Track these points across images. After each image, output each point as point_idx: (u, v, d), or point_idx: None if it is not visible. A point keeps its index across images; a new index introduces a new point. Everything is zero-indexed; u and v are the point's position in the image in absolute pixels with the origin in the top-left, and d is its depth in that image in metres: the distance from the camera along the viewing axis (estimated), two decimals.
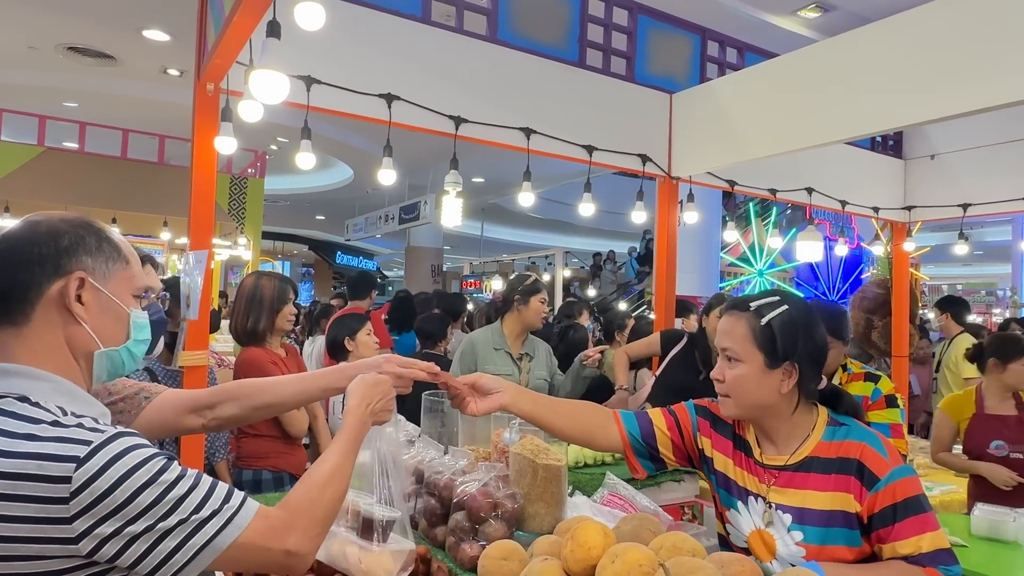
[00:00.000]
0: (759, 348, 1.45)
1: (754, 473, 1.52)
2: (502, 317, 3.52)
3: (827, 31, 6.30)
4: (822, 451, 1.45)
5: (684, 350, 3.67)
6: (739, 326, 1.48)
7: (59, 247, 1.03)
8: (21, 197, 7.95)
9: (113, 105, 9.05)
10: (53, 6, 6.55)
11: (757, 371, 1.45)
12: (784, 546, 1.44)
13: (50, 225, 1.04)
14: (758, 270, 12.73)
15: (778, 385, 1.45)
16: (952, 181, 4.81)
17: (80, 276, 1.03)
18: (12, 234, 1.03)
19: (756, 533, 1.49)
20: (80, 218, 1.09)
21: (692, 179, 4.12)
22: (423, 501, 1.84)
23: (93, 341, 1.06)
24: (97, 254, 1.06)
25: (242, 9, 2.06)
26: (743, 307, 1.50)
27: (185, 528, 0.95)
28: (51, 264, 1.02)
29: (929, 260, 14.97)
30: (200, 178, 2.75)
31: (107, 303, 1.07)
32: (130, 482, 0.92)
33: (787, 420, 1.49)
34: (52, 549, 0.90)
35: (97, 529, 0.91)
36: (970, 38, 2.70)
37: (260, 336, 2.91)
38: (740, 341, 1.47)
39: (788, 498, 1.45)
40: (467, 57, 3.39)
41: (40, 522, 0.89)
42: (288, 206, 15.99)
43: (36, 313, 1.01)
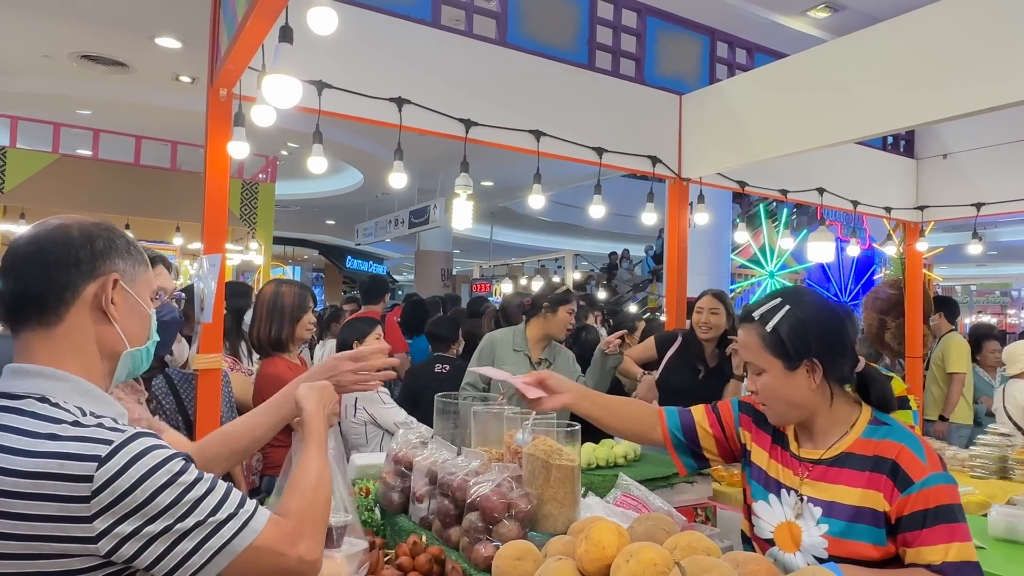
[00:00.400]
0: (773, 354, 1.46)
1: (788, 466, 1.53)
2: (527, 320, 3.53)
3: (837, 31, 6.27)
4: (859, 448, 1.45)
5: (680, 351, 3.64)
6: (751, 337, 1.49)
7: (95, 250, 1.05)
8: (36, 204, 8.04)
9: (126, 112, 9.14)
10: (67, 15, 6.63)
11: (780, 376, 1.46)
12: (809, 537, 1.45)
13: (82, 228, 1.06)
14: (769, 272, 12.67)
15: (806, 383, 1.45)
16: (965, 180, 4.78)
17: (116, 277, 1.06)
18: (43, 236, 1.04)
19: (784, 525, 1.50)
20: (105, 222, 1.11)
21: (702, 180, 4.12)
22: (436, 502, 1.85)
23: (122, 341, 1.08)
24: (127, 256, 1.09)
25: (255, 15, 2.08)
26: (748, 318, 1.52)
27: (203, 530, 0.96)
28: (87, 266, 1.04)
29: (942, 260, 14.84)
30: (213, 183, 2.77)
31: (133, 304, 1.10)
32: (150, 482, 0.93)
33: (825, 413, 1.49)
34: (72, 548, 0.91)
35: (117, 528, 0.91)
36: (981, 36, 2.69)
37: (282, 345, 2.90)
38: (755, 352, 1.48)
39: (819, 491, 1.46)
40: (477, 60, 3.41)
41: (61, 521, 0.90)
42: (298, 211, 16.07)
43: (70, 314, 1.03)
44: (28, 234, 1.05)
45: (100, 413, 1.01)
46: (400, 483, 2.05)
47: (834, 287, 13.46)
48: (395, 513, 2.05)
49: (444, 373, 4.16)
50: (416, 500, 1.94)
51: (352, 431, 3.22)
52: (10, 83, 8.42)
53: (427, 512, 1.90)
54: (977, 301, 18.87)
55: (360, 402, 3.19)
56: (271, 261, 9.93)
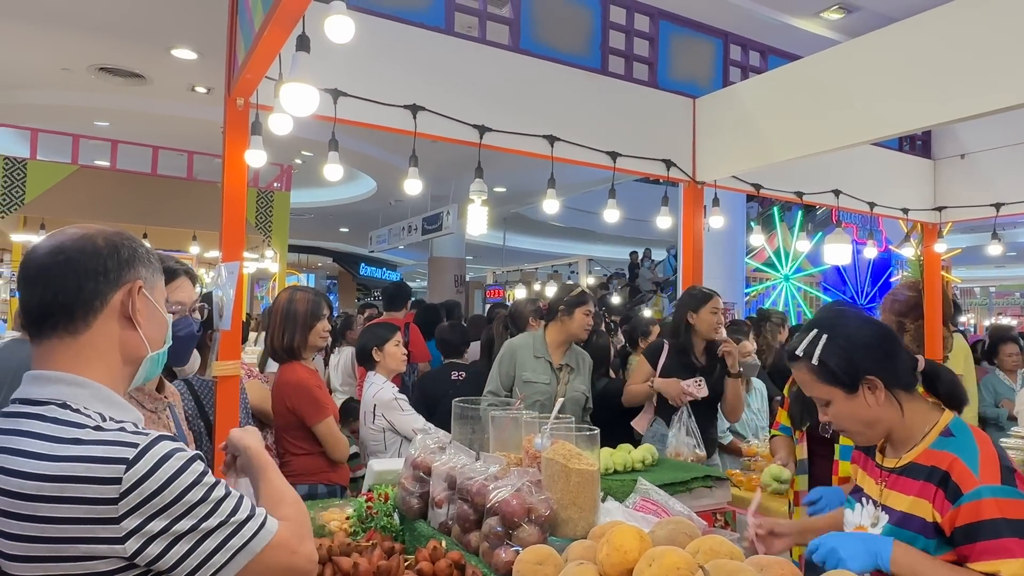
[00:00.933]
0: (830, 384, 1.47)
1: (872, 475, 1.58)
2: (546, 325, 3.52)
3: (851, 32, 6.23)
4: (924, 459, 1.46)
5: (670, 356, 3.60)
6: (803, 374, 1.52)
7: (121, 259, 1.09)
8: (56, 215, 8.15)
9: (143, 123, 9.25)
10: (85, 28, 6.73)
11: (844, 402, 1.48)
12: None
13: (107, 238, 1.10)
14: (784, 275, 12.58)
15: (871, 401, 1.46)
16: (983, 180, 4.73)
17: (139, 286, 1.10)
18: (69, 246, 1.06)
19: (860, 529, 1.54)
20: (124, 232, 1.15)
21: (717, 183, 4.10)
22: (456, 507, 1.85)
23: (145, 346, 1.12)
24: (148, 265, 1.14)
25: (272, 24, 2.10)
26: (793, 357, 1.54)
27: (225, 529, 0.99)
28: (115, 275, 1.08)
29: (961, 262, 14.68)
30: (231, 191, 2.80)
31: (153, 311, 1.14)
32: (178, 482, 0.96)
33: (899, 424, 1.50)
34: (98, 549, 0.93)
35: (146, 527, 0.94)
36: (998, 35, 2.66)
37: (295, 353, 2.89)
38: (813, 386, 1.51)
39: (892, 500, 1.49)
40: (490, 67, 3.42)
41: (88, 523, 0.92)
42: (312, 219, 16.18)
43: (98, 321, 1.06)
44: (51, 244, 1.06)
45: (120, 418, 1.04)
46: (419, 488, 2.06)
47: (850, 290, 13.34)
48: (414, 519, 2.05)
49: (461, 380, 4.17)
50: (435, 505, 1.95)
51: (371, 438, 3.23)
52: (30, 96, 8.56)
53: (446, 517, 1.90)
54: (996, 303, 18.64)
55: (379, 408, 3.20)
56: (286, 269, 9.99)
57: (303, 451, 2.89)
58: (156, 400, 1.86)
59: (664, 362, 3.56)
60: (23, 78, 8.20)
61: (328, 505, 2.37)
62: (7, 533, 0.93)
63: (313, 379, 2.92)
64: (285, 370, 2.92)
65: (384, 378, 3.31)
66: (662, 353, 3.59)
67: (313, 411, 2.83)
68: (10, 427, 0.99)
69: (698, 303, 3.55)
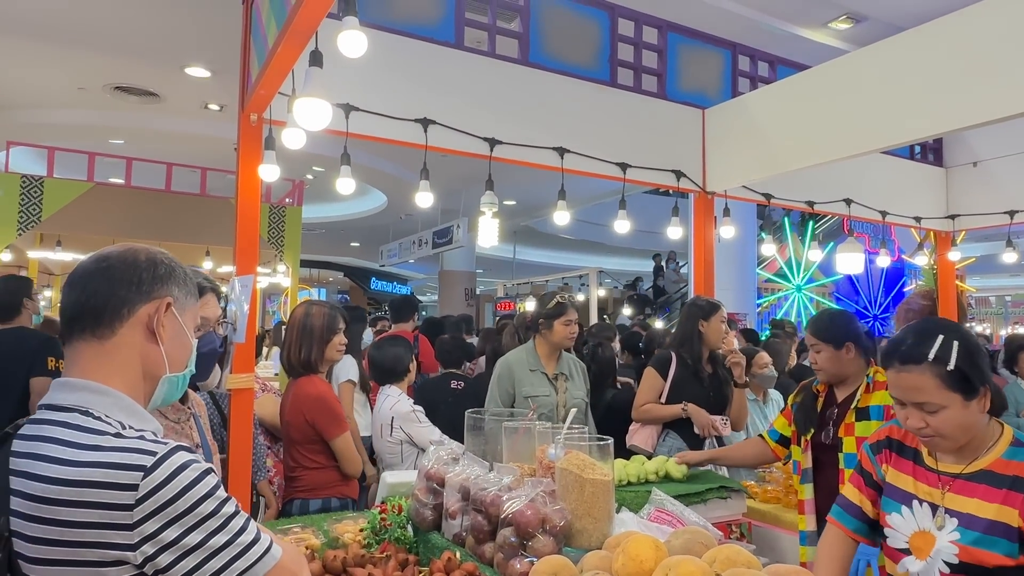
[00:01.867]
0: (955, 391, 1.46)
1: (924, 479, 1.57)
2: (534, 336, 3.51)
3: (859, 42, 6.23)
4: (999, 467, 1.48)
5: (679, 367, 3.58)
6: (926, 379, 1.48)
7: (157, 274, 1.12)
8: (72, 231, 8.25)
9: (157, 140, 9.39)
10: (101, 48, 6.86)
11: (960, 409, 1.47)
12: (940, 543, 1.49)
13: (149, 254, 1.14)
14: (796, 285, 12.52)
15: (980, 409, 1.48)
16: (996, 188, 4.70)
17: (169, 301, 1.13)
18: (113, 255, 1.12)
19: (920, 534, 1.53)
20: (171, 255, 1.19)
21: (727, 193, 4.10)
22: (470, 518, 1.84)
23: (164, 364, 1.13)
24: (183, 286, 1.16)
25: (286, 41, 2.14)
26: (919, 359, 1.49)
27: (232, 550, 1.00)
28: (147, 287, 1.11)
29: (975, 271, 14.54)
30: (245, 204, 2.83)
31: (179, 331, 1.16)
32: (192, 492, 0.97)
33: (982, 431, 1.52)
34: (109, 555, 0.94)
35: (160, 535, 0.95)
36: (1006, 42, 2.66)
37: (312, 366, 2.88)
38: (933, 392, 1.47)
39: (958, 504, 1.49)
40: (500, 80, 3.45)
41: (103, 527, 0.94)
42: (323, 234, 16.28)
43: (123, 329, 1.09)
44: (99, 254, 1.13)
45: (140, 427, 1.06)
46: (432, 500, 2.05)
47: (863, 300, 13.24)
48: (428, 530, 2.05)
49: (460, 389, 4.18)
50: (449, 517, 1.94)
51: (387, 450, 3.22)
52: (47, 115, 8.71)
53: (460, 528, 1.89)
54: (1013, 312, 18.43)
55: (397, 421, 3.19)
56: (298, 284, 10.05)
57: (317, 465, 2.88)
58: (179, 411, 1.88)
59: (674, 373, 3.54)
60: (40, 98, 8.36)
61: (342, 517, 2.37)
62: (27, 535, 0.96)
63: (331, 393, 2.92)
64: (303, 383, 2.91)
65: (400, 391, 3.32)
66: (671, 364, 3.57)
67: (332, 425, 2.83)
68: (35, 433, 1.02)
69: (708, 312, 3.53)
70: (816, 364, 2.49)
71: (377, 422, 3.25)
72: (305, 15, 1.99)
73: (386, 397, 3.29)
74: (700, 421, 3.43)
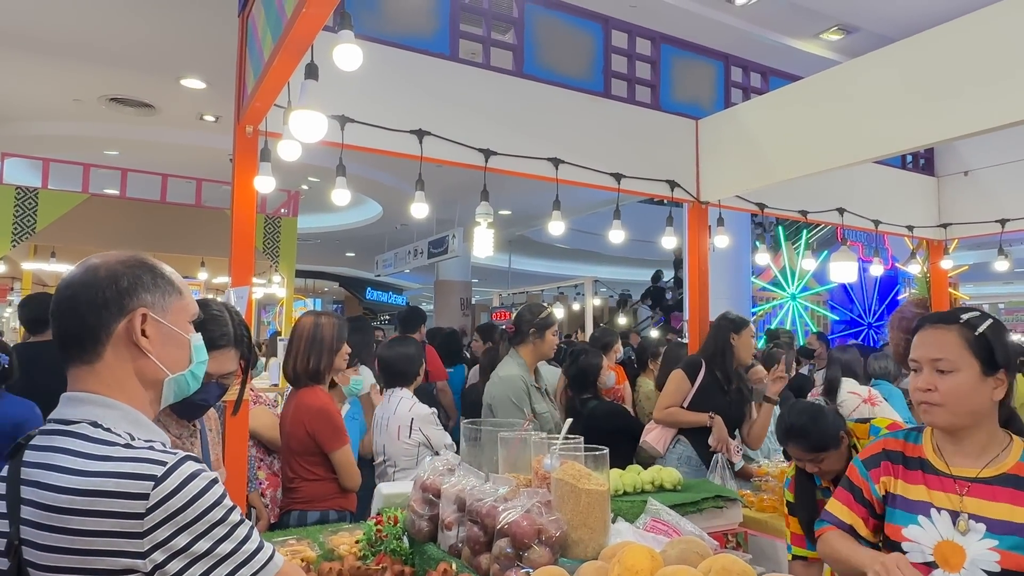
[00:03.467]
0: (976, 356, 1.49)
1: (938, 486, 1.54)
2: (515, 348, 3.48)
3: (850, 53, 6.29)
4: (1022, 471, 1.48)
5: (707, 375, 3.61)
6: (950, 337, 1.52)
7: (120, 289, 1.10)
8: (67, 242, 8.24)
9: (152, 152, 9.39)
10: (96, 60, 6.87)
11: (975, 378, 1.49)
12: (975, 552, 1.45)
13: (108, 268, 1.11)
14: (791, 294, 12.55)
15: (991, 394, 1.50)
16: (988, 197, 4.74)
17: (142, 312, 1.11)
18: (76, 280, 1.11)
19: (945, 544, 1.49)
20: (134, 257, 1.16)
21: (721, 203, 4.13)
22: (465, 529, 1.84)
23: (160, 370, 1.14)
24: (154, 289, 1.14)
25: (282, 53, 2.15)
26: (951, 320, 1.56)
27: (237, 558, 1.01)
28: (116, 306, 1.09)
29: (968, 279, 14.60)
30: (240, 216, 2.84)
31: (169, 333, 1.15)
32: (201, 501, 0.99)
33: (989, 431, 1.53)
34: (119, 563, 0.96)
35: (169, 543, 0.96)
36: (998, 53, 2.69)
37: (320, 376, 2.90)
38: (955, 350, 1.51)
39: (983, 509, 1.48)
40: (495, 91, 3.47)
41: (113, 536, 0.95)
42: (319, 244, 16.27)
43: (107, 351, 1.09)
44: (65, 279, 1.13)
45: (148, 439, 1.08)
46: (428, 511, 2.05)
47: (858, 308, 13.28)
48: (423, 541, 2.04)
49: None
50: (445, 528, 1.94)
51: (404, 453, 3.15)
52: (42, 127, 8.71)
53: (456, 539, 1.89)
54: (1007, 320, 18.51)
55: (417, 423, 3.13)
56: (293, 294, 10.03)
57: (316, 477, 2.88)
58: (183, 426, 1.87)
59: (702, 380, 3.58)
60: (35, 109, 8.36)
61: (338, 529, 2.36)
62: (39, 544, 0.97)
63: (333, 405, 2.92)
64: (306, 394, 2.90)
65: (411, 393, 3.30)
66: (700, 370, 3.61)
67: (333, 437, 2.83)
68: (46, 444, 1.04)
69: (739, 326, 3.61)
70: (823, 472, 2.20)
71: (393, 424, 3.18)
72: (301, 28, 2.01)
73: (400, 399, 3.24)
74: (720, 435, 3.47)
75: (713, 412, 3.53)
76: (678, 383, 3.64)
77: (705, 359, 3.65)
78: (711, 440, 3.50)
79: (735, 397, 3.62)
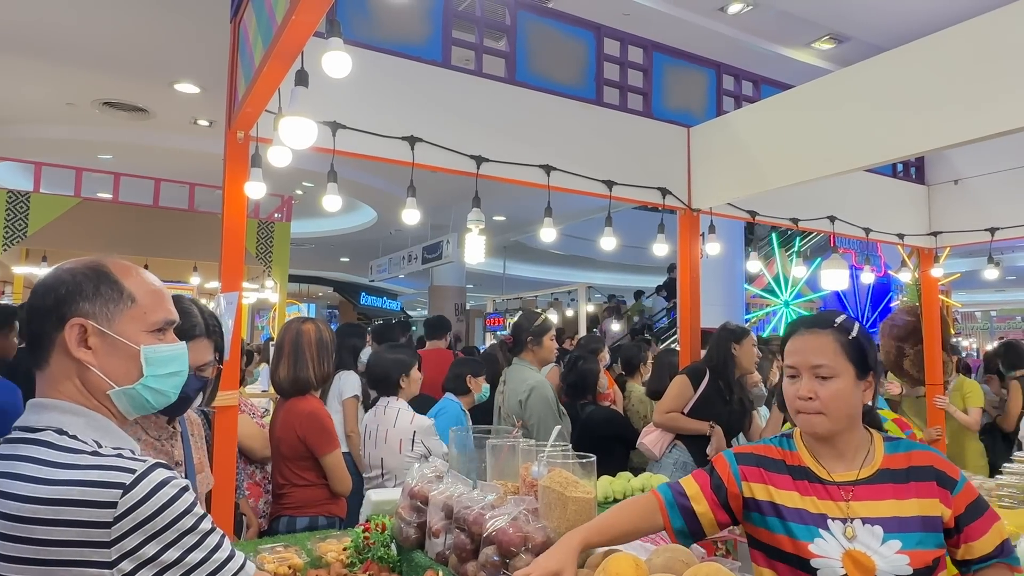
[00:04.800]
0: (851, 361, 1.50)
1: (827, 496, 1.50)
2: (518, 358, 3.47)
3: (842, 62, 6.34)
4: (891, 463, 1.51)
5: (710, 383, 3.65)
6: (828, 341, 1.52)
7: (58, 297, 1.07)
8: (59, 246, 8.22)
9: (145, 156, 9.38)
10: (90, 64, 6.86)
11: (851, 384, 1.50)
12: (882, 559, 1.41)
13: (56, 276, 1.09)
14: (784, 301, 12.59)
15: (862, 397, 1.52)
16: (978, 205, 4.76)
17: (79, 322, 1.06)
18: (37, 285, 1.11)
19: (847, 555, 1.43)
20: (84, 264, 1.11)
21: (713, 211, 4.14)
22: (453, 536, 1.84)
23: (104, 382, 1.08)
24: (95, 298, 1.08)
25: (272, 60, 2.15)
26: (825, 324, 1.56)
27: (208, 567, 1.00)
28: (56, 314, 1.07)
29: (960, 286, 14.69)
30: (231, 222, 2.83)
31: (114, 344, 1.09)
32: (171, 509, 0.97)
33: (857, 432, 1.54)
34: (86, 573, 0.94)
35: (139, 551, 0.95)
36: (988, 62, 2.71)
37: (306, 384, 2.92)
38: (832, 356, 1.50)
39: (872, 510, 1.46)
40: (487, 98, 3.48)
41: (79, 546, 0.93)
42: (313, 249, 16.26)
43: (52, 360, 1.08)
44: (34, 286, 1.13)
45: (117, 446, 1.05)
46: (416, 518, 2.05)
47: (850, 315, 13.32)
48: (411, 549, 2.04)
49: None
50: (432, 535, 1.94)
51: (406, 466, 3.08)
52: (35, 130, 8.70)
53: (443, 547, 1.89)
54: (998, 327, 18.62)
55: (419, 435, 3.11)
56: (286, 299, 10.02)
57: (306, 482, 2.87)
58: (161, 428, 1.86)
59: (705, 387, 3.60)
60: (28, 113, 8.34)
61: (326, 536, 2.35)
62: (3, 555, 0.95)
63: (323, 410, 2.92)
64: (297, 400, 2.91)
65: (407, 404, 3.26)
66: (704, 378, 3.63)
67: (323, 442, 2.84)
68: (10, 452, 1.02)
69: (739, 336, 3.65)
70: None
71: (393, 436, 3.15)
72: (291, 35, 2.01)
73: (398, 410, 3.20)
74: (719, 446, 3.52)
75: (714, 422, 3.55)
76: (681, 389, 3.67)
77: (709, 368, 3.69)
78: (709, 450, 3.51)
79: (736, 408, 3.65)
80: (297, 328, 3.02)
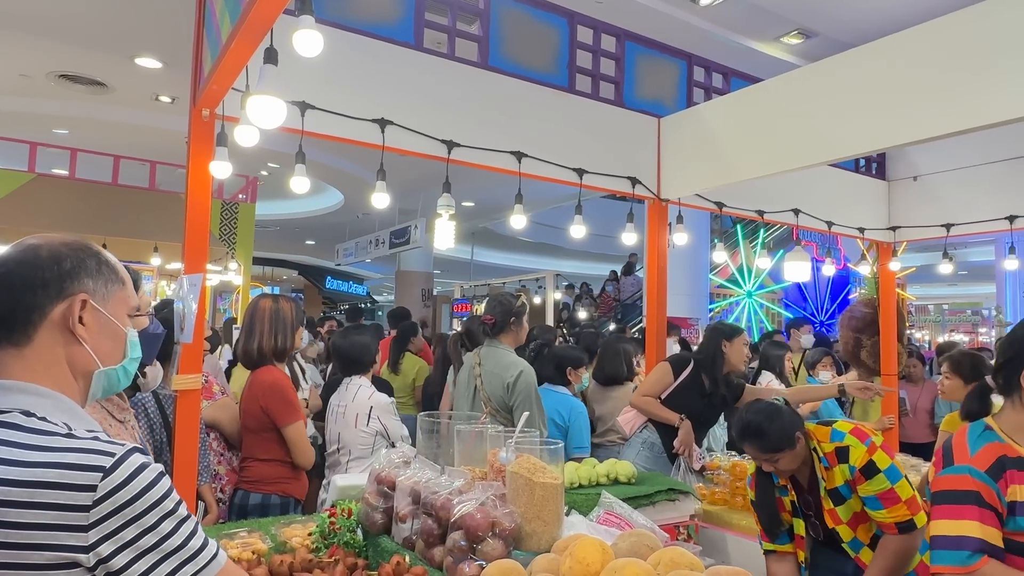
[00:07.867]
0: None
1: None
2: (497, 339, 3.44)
3: (809, 57, 6.44)
4: None
5: (692, 375, 3.68)
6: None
7: (62, 270, 1.05)
8: (11, 224, 7.93)
9: (104, 131, 9.07)
10: (46, 35, 6.60)
11: None
12: None
13: (51, 248, 1.07)
14: (747, 291, 12.83)
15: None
16: (935, 202, 4.90)
17: (83, 298, 1.07)
18: (13, 258, 1.05)
19: None
20: (79, 241, 1.12)
21: (681, 201, 4.18)
22: (420, 521, 1.84)
23: (93, 361, 1.09)
24: (97, 276, 1.09)
25: (240, 36, 2.09)
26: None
27: (182, 554, 0.99)
28: (55, 287, 1.05)
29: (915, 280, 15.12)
30: (195, 202, 2.76)
31: (106, 324, 1.10)
32: (150, 494, 0.97)
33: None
34: (60, 557, 0.92)
35: (117, 535, 0.94)
36: (950, 62, 2.78)
37: (282, 355, 3.00)
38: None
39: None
40: (459, 83, 3.45)
41: (55, 529, 0.92)
42: (278, 231, 16.00)
43: (39, 334, 1.04)
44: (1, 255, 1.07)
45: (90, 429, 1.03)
46: (383, 503, 2.04)
47: (811, 306, 13.65)
48: (377, 534, 2.04)
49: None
50: (399, 520, 1.94)
51: (360, 441, 3.11)
52: None
53: (410, 532, 1.89)
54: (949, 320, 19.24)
55: (376, 411, 3.13)
56: (250, 282, 9.85)
57: (269, 457, 2.87)
58: (124, 410, 1.84)
59: (685, 378, 3.64)
60: None
61: (291, 521, 2.34)
62: None
63: (287, 380, 2.94)
64: (260, 372, 2.95)
65: (368, 382, 3.29)
66: (686, 368, 3.67)
67: (286, 412, 2.85)
68: None
69: (730, 334, 3.69)
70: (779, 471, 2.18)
71: (351, 411, 3.16)
72: (260, 11, 1.96)
73: (359, 387, 3.23)
74: (684, 440, 3.55)
75: (686, 414, 3.59)
76: (660, 374, 3.74)
77: (696, 361, 3.73)
78: (676, 442, 3.57)
79: (714, 403, 3.70)
80: (256, 303, 3.10)
